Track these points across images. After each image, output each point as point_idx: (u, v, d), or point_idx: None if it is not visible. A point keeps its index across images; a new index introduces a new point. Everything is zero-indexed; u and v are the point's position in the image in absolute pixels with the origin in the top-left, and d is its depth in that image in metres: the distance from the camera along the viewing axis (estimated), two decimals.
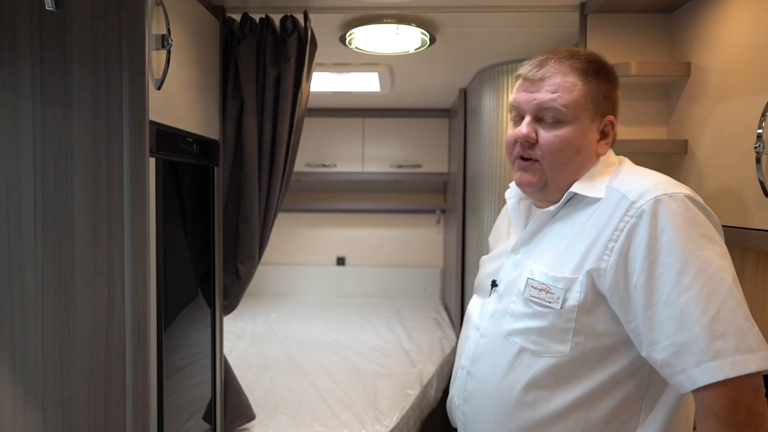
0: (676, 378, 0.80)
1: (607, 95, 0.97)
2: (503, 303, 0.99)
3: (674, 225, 0.82)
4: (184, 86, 1.35)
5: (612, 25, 1.59)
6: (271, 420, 1.92)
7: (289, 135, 1.66)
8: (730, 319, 0.78)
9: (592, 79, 0.95)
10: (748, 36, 1.19)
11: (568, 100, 0.93)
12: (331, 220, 3.93)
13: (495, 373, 0.96)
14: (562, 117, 0.93)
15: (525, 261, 0.99)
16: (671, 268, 0.81)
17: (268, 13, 1.66)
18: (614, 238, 0.86)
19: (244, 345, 2.79)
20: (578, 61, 0.95)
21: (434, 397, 2.42)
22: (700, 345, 0.77)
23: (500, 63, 2.33)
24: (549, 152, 0.94)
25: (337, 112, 3.57)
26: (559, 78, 0.94)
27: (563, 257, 0.92)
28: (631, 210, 0.86)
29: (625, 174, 0.94)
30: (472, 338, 1.04)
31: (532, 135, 0.95)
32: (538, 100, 0.94)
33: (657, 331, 0.81)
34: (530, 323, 0.93)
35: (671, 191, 0.86)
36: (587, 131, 0.95)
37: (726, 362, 0.76)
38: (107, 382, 1.16)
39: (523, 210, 1.07)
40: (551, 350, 0.90)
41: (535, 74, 0.96)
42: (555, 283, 0.90)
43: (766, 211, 1.11)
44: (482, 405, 1.00)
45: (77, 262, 1.16)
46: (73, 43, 1.14)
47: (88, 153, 1.15)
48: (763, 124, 1.08)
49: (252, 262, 1.70)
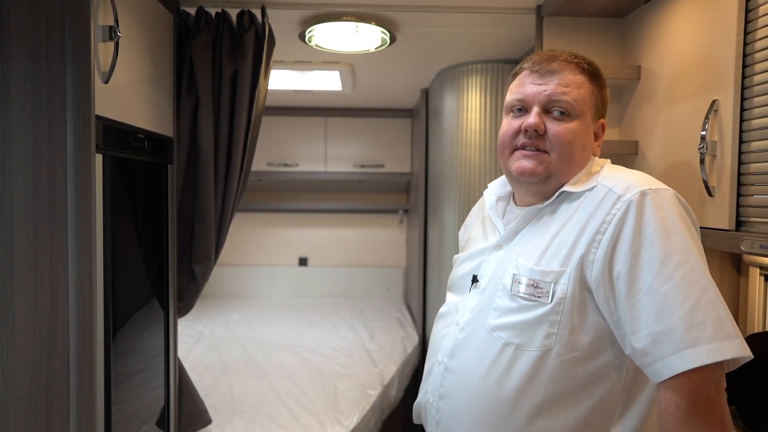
0: (655, 366, 0.81)
1: (603, 100, 1.01)
2: (486, 298, 0.98)
3: (659, 217, 0.84)
4: (134, 80, 1.30)
5: (567, 27, 1.62)
6: (228, 424, 1.88)
7: (246, 132, 1.63)
8: (709, 308, 0.79)
9: (594, 81, 0.99)
10: (694, 41, 1.24)
11: (578, 95, 0.95)
12: (294, 220, 3.88)
13: (477, 368, 0.95)
14: (572, 111, 0.95)
15: (508, 257, 0.98)
16: (653, 259, 0.82)
17: (225, 8, 1.62)
18: (602, 231, 0.87)
19: (202, 348, 2.72)
20: (584, 63, 0.98)
21: (395, 396, 2.42)
22: (678, 333, 0.78)
23: (460, 64, 2.35)
24: (559, 143, 0.95)
25: (299, 111, 3.53)
26: (569, 74, 0.96)
27: (550, 251, 0.92)
28: (618, 203, 0.87)
29: (610, 171, 0.96)
30: (450, 334, 1.03)
31: (542, 125, 0.95)
32: (549, 91, 0.95)
33: (637, 320, 0.82)
34: (516, 317, 0.92)
35: (656, 187, 0.88)
36: (590, 129, 0.98)
37: (702, 349, 0.77)
38: (49, 389, 1.11)
39: (500, 209, 1.08)
40: (536, 344, 0.90)
41: (544, 67, 0.97)
42: (543, 278, 0.90)
43: (710, 210, 1.15)
44: (462, 401, 0.97)
45: (16, 263, 1.09)
46: (11, 32, 1.08)
47: (29, 148, 1.09)
48: (706, 126, 1.13)
49: (208, 263, 1.65)
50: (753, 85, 1.05)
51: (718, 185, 1.12)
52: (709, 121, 1.12)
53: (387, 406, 2.33)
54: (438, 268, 2.64)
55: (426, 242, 2.98)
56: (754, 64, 1.05)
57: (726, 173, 1.09)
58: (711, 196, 1.13)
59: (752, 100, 1.05)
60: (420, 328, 3.01)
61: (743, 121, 1.07)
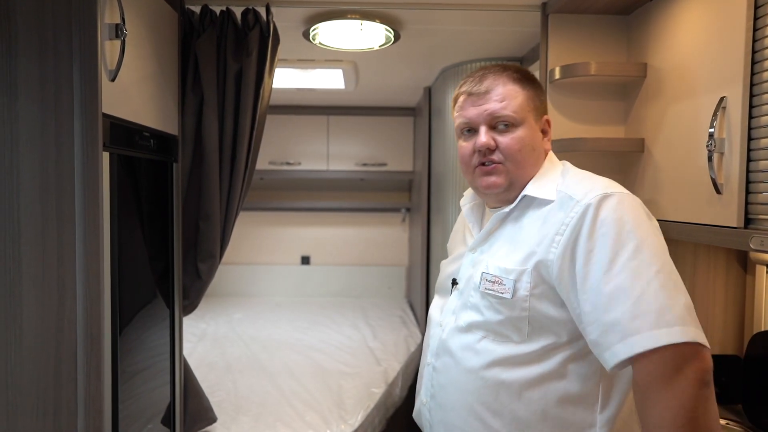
0: (604, 355, 0.88)
1: (540, 98, 1.08)
2: (463, 298, 1.06)
3: (613, 218, 0.90)
4: (140, 78, 1.30)
5: (572, 25, 1.62)
6: (233, 422, 1.88)
7: (251, 130, 1.63)
8: (652, 300, 0.85)
9: (527, 85, 1.05)
10: (702, 38, 1.23)
11: (515, 105, 1.02)
12: (296, 218, 3.88)
13: (457, 360, 1.03)
14: (514, 121, 1.03)
15: (481, 258, 1.06)
16: (604, 256, 0.89)
17: (229, 6, 1.62)
18: (560, 232, 0.94)
19: (206, 346, 2.72)
20: (513, 72, 1.05)
21: (399, 395, 2.42)
22: (623, 324, 0.85)
23: (464, 62, 2.35)
24: (510, 153, 1.02)
25: (301, 109, 3.53)
26: (502, 88, 1.03)
27: (514, 251, 1.00)
28: (577, 207, 0.94)
29: (572, 177, 1.02)
30: (435, 335, 1.10)
31: (491, 142, 1.02)
32: (489, 110, 1.02)
33: (591, 313, 0.89)
34: (488, 315, 1.00)
35: (613, 191, 0.94)
36: (534, 130, 1.05)
37: (644, 336, 0.84)
38: (57, 387, 1.11)
39: (477, 214, 1.16)
40: (510, 337, 0.99)
41: (479, 89, 1.04)
42: (506, 275, 0.98)
43: (717, 208, 1.15)
44: (447, 394, 1.04)
45: (24, 261, 1.09)
46: (19, 30, 1.08)
47: (36, 147, 1.09)
48: (714, 123, 1.12)
49: (213, 261, 1.65)
50: (762, 81, 1.04)
51: (726, 183, 1.12)
52: (717, 118, 1.12)
53: (391, 405, 2.33)
54: None
55: (429, 241, 2.98)
56: (763, 60, 1.04)
57: (734, 170, 1.09)
58: (719, 193, 1.13)
59: (761, 97, 1.05)
60: (423, 327, 3.00)
61: (752, 117, 1.06)
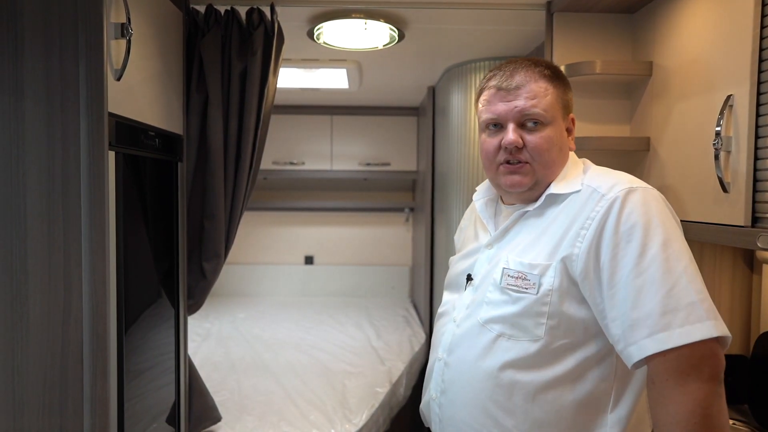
0: (629, 350, 0.86)
1: (569, 96, 1.05)
2: (479, 294, 1.04)
3: (640, 212, 0.89)
4: (145, 78, 1.30)
5: (577, 23, 1.61)
6: (238, 421, 1.88)
7: (255, 130, 1.63)
8: (682, 294, 0.83)
9: (557, 83, 1.03)
10: (708, 35, 1.23)
11: (546, 104, 1.00)
12: (299, 218, 3.88)
13: (471, 357, 1.00)
14: (544, 119, 1.00)
15: (499, 254, 1.03)
16: (633, 251, 0.87)
17: (234, 5, 1.62)
18: (586, 226, 0.92)
19: (210, 345, 2.73)
20: (544, 68, 1.03)
21: (404, 394, 2.41)
22: (653, 319, 0.84)
23: (468, 61, 2.34)
24: (539, 153, 1.00)
25: (305, 109, 3.53)
26: (533, 85, 1.00)
27: (537, 246, 0.97)
28: (603, 201, 0.92)
29: (595, 172, 1.01)
30: (449, 330, 1.08)
31: (520, 140, 1.00)
32: (519, 107, 0.99)
33: (617, 308, 0.87)
34: (507, 309, 0.97)
35: (638, 185, 0.93)
36: (562, 129, 1.03)
37: (675, 333, 0.82)
38: (63, 386, 1.11)
39: (491, 209, 1.14)
40: (527, 334, 0.95)
41: (510, 84, 1.01)
42: (530, 270, 0.96)
43: (724, 207, 1.14)
44: (458, 391, 1.02)
45: (30, 260, 1.10)
46: (25, 30, 1.08)
47: (42, 146, 1.09)
48: (721, 121, 1.12)
49: (217, 260, 1.65)
50: None
51: (733, 181, 1.11)
52: (724, 117, 1.11)
53: (395, 404, 2.32)
54: (445, 266, 2.62)
55: (433, 241, 2.97)
56: None
57: (741, 169, 1.08)
58: (726, 192, 1.12)
59: None
60: (427, 327, 3.00)
61: (759, 116, 1.06)
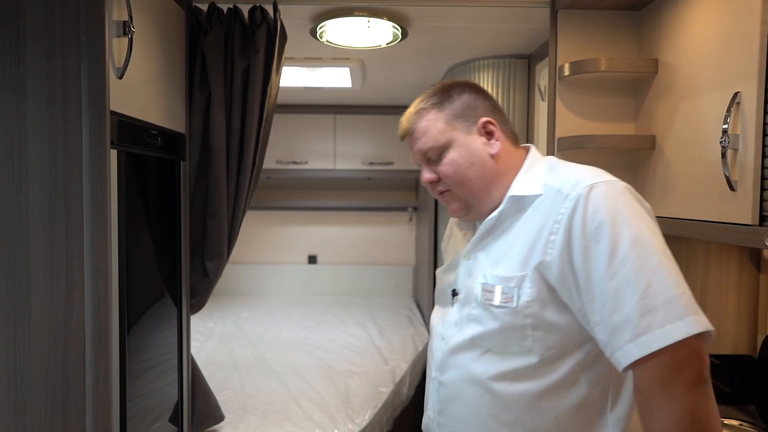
0: (615, 355, 0.83)
1: (467, 106, 1.02)
2: (465, 311, 1.02)
3: (605, 209, 0.86)
4: (147, 76, 1.30)
5: (582, 21, 1.60)
6: (241, 421, 1.88)
7: (258, 128, 1.62)
8: (659, 291, 0.81)
9: (444, 104, 1.02)
10: (715, 32, 1.21)
11: (434, 134, 1.01)
12: (303, 217, 3.88)
13: (463, 375, 0.99)
14: (441, 148, 1.00)
15: (477, 266, 1.01)
16: (603, 251, 0.84)
17: (236, 4, 1.61)
18: (554, 230, 0.89)
19: (213, 345, 2.73)
20: (425, 100, 1.04)
21: (407, 394, 2.41)
22: (633, 322, 0.81)
23: (472, 59, 2.33)
24: (449, 179, 1.01)
25: (308, 108, 3.53)
26: (421, 123, 1.03)
27: (510, 257, 0.95)
28: (566, 201, 0.89)
29: (558, 170, 0.97)
30: (438, 348, 1.07)
31: (432, 176, 1.03)
32: (416, 148, 1.04)
33: (598, 313, 0.85)
34: (490, 325, 0.95)
35: (600, 179, 0.89)
36: (468, 143, 1.00)
37: (657, 333, 0.79)
38: (65, 385, 1.11)
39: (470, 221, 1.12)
40: (515, 347, 0.93)
41: (403, 132, 1.07)
42: (507, 283, 0.93)
43: (731, 205, 1.13)
44: (456, 409, 1.01)
45: (32, 258, 1.10)
46: (27, 28, 1.08)
47: (44, 145, 1.09)
48: (728, 119, 1.10)
49: (220, 259, 1.65)
50: None
51: (740, 179, 1.10)
52: (731, 114, 1.10)
53: (398, 404, 2.32)
54: None
55: (436, 240, 2.96)
56: None
57: (749, 167, 1.07)
58: (733, 190, 1.11)
59: None
60: None
61: (767, 113, 1.05)
